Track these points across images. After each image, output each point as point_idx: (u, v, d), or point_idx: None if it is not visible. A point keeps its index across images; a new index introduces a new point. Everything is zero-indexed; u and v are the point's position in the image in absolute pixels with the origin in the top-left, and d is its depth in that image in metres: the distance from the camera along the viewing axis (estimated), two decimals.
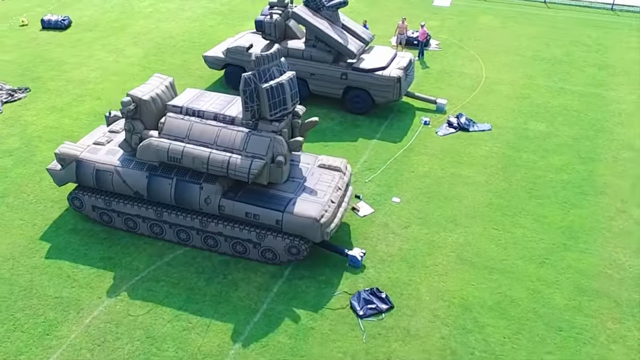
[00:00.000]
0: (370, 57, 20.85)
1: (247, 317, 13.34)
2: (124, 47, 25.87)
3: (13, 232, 15.54)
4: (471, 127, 20.47)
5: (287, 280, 14.34)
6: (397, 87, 20.19)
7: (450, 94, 22.66)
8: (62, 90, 22.23)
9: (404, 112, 21.50)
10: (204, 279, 14.29)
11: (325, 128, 20.37)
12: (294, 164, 15.50)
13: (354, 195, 17.13)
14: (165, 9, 30.10)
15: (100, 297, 13.75)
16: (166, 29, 27.75)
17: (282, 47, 20.74)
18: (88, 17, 28.93)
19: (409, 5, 31.16)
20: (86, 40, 26.40)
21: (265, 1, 28.31)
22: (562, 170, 18.44)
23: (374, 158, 18.87)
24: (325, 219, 13.93)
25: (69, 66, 24.10)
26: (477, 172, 18.28)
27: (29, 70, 23.75)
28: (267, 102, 13.62)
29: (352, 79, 20.51)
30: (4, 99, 21.28)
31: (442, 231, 15.96)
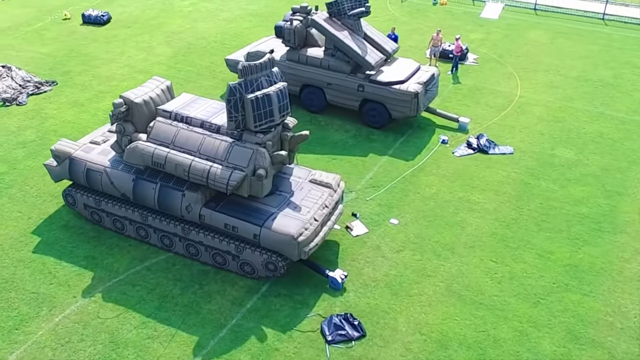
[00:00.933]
0: (390, 70, 20.40)
1: (214, 331, 13.28)
2: (156, 45, 26.52)
3: (8, 224, 16.17)
4: (491, 149, 19.64)
5: (262, 297, 14.19)
6: (415, 103, 19.65)
7: (477, 112, 21.86)
8: (86, 86, 23.01)
9: (423, 128, 20.91)
10: (180, 288, 14.36)
11: (337, 140, 20.10)
12: (285, 176, 15.36)
13: (351, 214, 16.81)
14: (205, 9, 30.66)
15: (75, 296, 14.07)
16: (201, 29, 28.24)
17: (301, 54, 20.77)
18: (128, 14, 29.88)
19: (452, 17, 30.34)
20: (121, 37, 27.25)
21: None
22: (581, 203, 17.38)
23: (380, 175, 18.43)
24: (304, 238, 13.68)
25: (99, 62, 24.93)
26: (487, 199, 17.51)
27: (60, 63, 24.75)
28: (251, 112, 13.53)
29: (369, 92, 20.14)
30: (30, 91, 22.25)
31: (436, 259, 15.36)
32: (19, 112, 21.19)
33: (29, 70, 23.96)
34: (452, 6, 31.67)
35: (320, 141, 20.03)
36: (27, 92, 22.13)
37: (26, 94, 22.02)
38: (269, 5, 31.26)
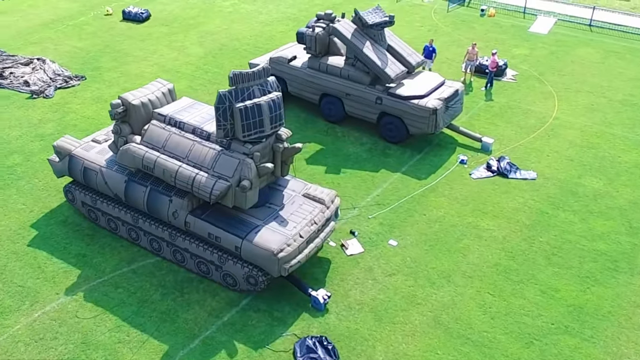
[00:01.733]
0: (411, 83, 19.89)
1: (185, 342, 13.28)
2: (189, 45, 26.96)
3: (11, 215, 16.76)
4: (512, 173, 18.80)
5: (241, 310, 14.09)
6: (433, 120, 19.07)
7: (505, 132, 21.00)
8: (113, 83, 23.63)
9: (444, 146, 20.27)
10: (161, 293, 14.45)
11: (351, 153, 19.77)
12: (278, 188, 15.21)
13: (350, 231, 16.47)
14: (244, 10, 30.94)
15: (58, 293, 14.40)
16: (236, 30, 28.50)
17: (322, 62, 20.57)
18: (168, 12, 30.53)
19: (499, 29, 29.34)
20: (156, 35, 27.87)
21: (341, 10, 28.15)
22: (600, 239, 16.36)
23: (388, 193, 17.99)
24: (285, 254, 13.48)
25: (130, 59, 25.58)
26: (497, 226, 16.76)
27: (93, 59, 25.54)
28: (240, 122, 13.45)
29: (387, 105, 19.70)
30: (58, 85, 23.06)
31: (429, 286, 14.81)
32: (44, 104, 22.00)
33: (62, 63, 24.87)
34: (501, 18, 30.63)
35: (333, 152, 19.76)
36: (55, 86, 22.96)
37: (54, 87, 22.84)
38: (308, 10, 31.19)
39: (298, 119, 21.51)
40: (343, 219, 16.91)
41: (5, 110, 21.66)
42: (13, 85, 22.96)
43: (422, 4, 32.22)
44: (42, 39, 27.30)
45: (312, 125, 21.19)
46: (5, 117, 21.26)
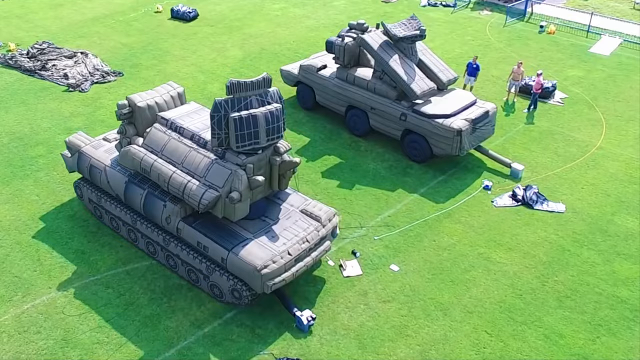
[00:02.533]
0: (439, 101, 19.28)
1: (162, 350, 13.35)
2: (230, 47, 27.28)
3: (23, 205, 17.42)
4: (538, 204, 17.85)
5: (224, 323, 14.03)
6: (457, 141, 18.39)
7: (540, 159, 19.99)
8: (149, 81, 24.21)
9: (470, 169, 19.51)
10: (149, 298, 14.61)
11: (370, 169, 19.36)
12: (277, 202, 15.09)
13: (351, 251, 16.10)
14: (292, 14, 31.02)
15: (50, 287, 14.83)
16: (281, 35, 28.61)
17: (350, 73, 20.28)
18: (216, 13, 31.04)
19: (556, 48, 28.02)
20: (200, 35, 28.37)
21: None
22: (623, 284, 15.24)
23: (401, 214, 17.47)
24: (269, 271, 13.32)
25: (170, 57, 26.16)
26: (510, 260, 15.94)
27: (134, 55, 26.29)
28: (234, 132, 13.39)
29: (411, 122, 19.18)
30: (95, 79, 23.86)
31: (424, 318, 14.25)
32: (77, 98, 22.81)
33: (103, 58, 25.74)
34: (561, 36, 29.25)
35: (352, 167, 19.42)
36: (92, 80, 23.77)
37: (90, 82, 23.65)
38: (358, 18, 30.86)
39: (324, 130, 21.30)
40: (347, 238, 16.57)
41: (41, 101, 22.62)
42: (53, 78, 23.96)
43: (478, 17, 31.27)
44: (91, 33, 28.38)
45: (336, 137, 20.92)
46: (40, 108, 22.20)
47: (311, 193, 18.20)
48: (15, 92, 23.24)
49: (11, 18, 29.88)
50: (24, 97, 22.91)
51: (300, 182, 18.61)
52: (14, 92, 23.25)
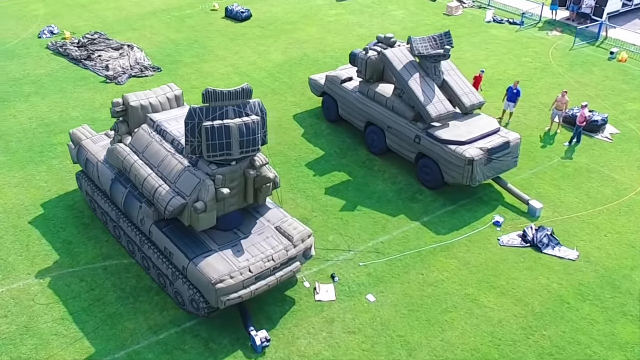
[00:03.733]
0: (457, 126, 18.48)
1: (113, 350, 13.64)
2: (273, 50, 27.49)
3: (30, 191, 18.39)
4: (549, 247, 16.70)
5: (181, 332, 14.14)
6: (469, 171, 17.54)
7: (566, 199, 18.70)
8: (185, 79, 24.86)
9: (484, 202, 18.56)
10: (117, 296, 14.98)
11: (377, 190, 18.86)
12: (254, 215, 15.04)
13: (331, 275, 15.75)
14: (346, 22, 30.82)
15: (30, 274, 15.54)
16: (328, 42, 28.49)
17: (371, 88, 19.88)
18: (270, 14, 31.38)
19: (622, 78, 26.08)
20: (248, 36, 28.79)
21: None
22: (620, 349, 13.95)
23: (395, 242, 16.90)
24: (224, 286, 13.27)
25: (211, 57, 26.74)
26: (500, 306, 15.00)
27: (178, 52, 27.09)
28: (205, 141, 13.45)
29: (425, 146, 18.50)
30: (133, 73, 24.79)
31: (386, 356, 13.70)
32: (112, 91, 23.80)
33: (148, 53, 26.72)
34: (633, 65, 27.19)
35: (359, 187, 19.01)
36: (130, 74, 24.72)
37: (128, 76, 24.60)
38: (414, 30, 30.19)
39: (342, 145, 20.99)
40: (332, 261, 16.24)
41: (77, 90, 23.81)
42: (95, 68, 25.14)
43: (544, 38, 29.70)
44: (144, 26, 29.54)
45: (352, 154, 20.55)
46: (75, 97, 23.36)
47: (309, 209, 18.00)
48: (57, 79, 24.61)
49: (75, 7, 31.70)
50: (63, 85, 24.21)
51: (302, 197, 18.48)
52: (56, 79, 24.62)
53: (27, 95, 23.42)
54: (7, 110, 22.50)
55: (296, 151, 20.60)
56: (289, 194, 18.56)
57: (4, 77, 24.73)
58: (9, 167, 19.42)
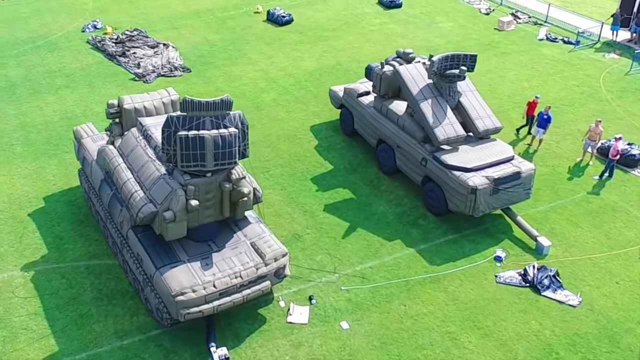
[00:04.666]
0: (465, 151, 17.73)
1: (75, 351, 13.91)
2: (307, 57, 27.36)
3: (38, 184, 19.04)
4: (548, 290, 15.73)
5: (145, 340, 14.24)
6: (471, 199, 16.78)
7: (581, 238, 17.57)
8: (212, 81, 25.14)
9: (490, 233, 17.70)
10: (92, 297, 15.27)
11: (378, 212, 18.35)
12: (233, 229, 14.99)
13: (308, 297, 15.43)
14: (389, 31, 30.26)
15: (16, 265, 16.09)
16: (366, 51, 28.05)
17: (384, 104, 19.43)
18: (312, 20, 31.24)
19: None
20: (284, 41, 28.79)
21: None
22: None
23: (384, 268, 16.38)
24: (185, 299, 13.25)
25: (243, 60, 26.91)
26: (480, 348, 14.25)
27: (212, 53, 27.43)
28: (180, 151, 13.46)
29: (430, 169, 17.86)
30: (162, 72, 25.27)
31: None
32: (138, 88, 24.32)
33: (182, 53, 27.20)
34: None
35: (361, 206, 18.56)
36: (158, 73, 25.22)
37: (156, 75, 25.12)
38: (459, 43, 29.25)
39: (353, 160, 20.58)
40: (314, 281, 15.92)
41: (105, 86, 24.53)
42: (128, 65, 25.81)
43: (599, 60, 28.09)
44: (185, 25, 30.12)
45: (361, 170, 20.10)
46: (101, 92, 24.09)
47: (303, 225, 17.74)
48: (89, 74, 25.46)
49: (123, 3, 32.74)
50: (93, 79, 25.02)
51: (299, 211, 18.25)
52: (88, 73, 25.48)
53: (57, 88, 24.35)
54: (36, 101, 23.47)
55: (305, 163, 20.38)
56: (286, 207, 18.39)
57: (41, 68, 25.84)
58: (24, 157, 20.23)
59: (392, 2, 32.74)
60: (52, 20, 30.59)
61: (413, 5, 33.52)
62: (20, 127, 21.82)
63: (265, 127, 22.20)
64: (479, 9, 33.28)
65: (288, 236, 17.34)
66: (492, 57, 27.88)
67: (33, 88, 24.33)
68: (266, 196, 18.73)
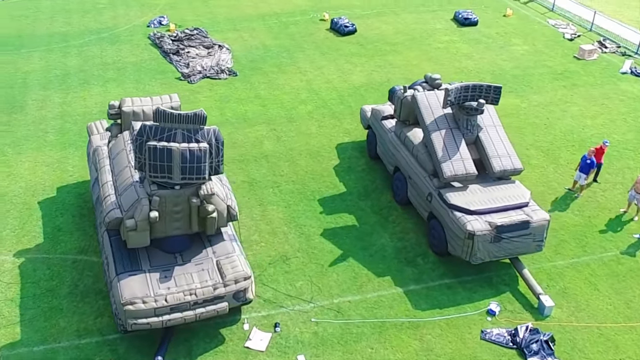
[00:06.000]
0: (475, 191, 16.80)
1: (35, 343, 14.58)
2: (358, 71, 27.03)
3: (57, 173, 20.14)
4: (536, 356, 14.54)
5: (102, 342, 14.68)
6: (468, 245, 15.86)
7: (595, 303, 16.11)
8: (253, 87, 25.47)
9: (491, 283, 16.65)
10: (68, 292, 15.95)
11: (377, 244, 17.78)
12: (204, 244, 15.12)
13: (274, 323, 15.25)
14: (455, 51, 29.22)
15: (10, 251, 17.14)
16: (422, 69, 27.23)
17: (404, 131, 18.88)
18: (377, 32, 30.79)
19: None
20: (341, 52, 28.60)
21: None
22: None
23: (364, 305, 15.87)
24: (134, 309, 13.54)
25: (292, 68, 27.04)
26: None
27: (264, 59, 27.78)
28: (148, 160, 13.75)
29: (434, 206, 17.09)
30: (208, 74, 25.91)
31: None
32: (181, 88, 25.15)
33: (235, 55, 27.76)
34: None
35: (361, 235, 18.07)
36: (204, 74, 25.88)
37: (201, 76, 25.79)
38: (528, 70, 27.68)
39: (369, 185, 20.08)
40: (286, 308, 15.71)
41: (150, 83, 25.56)
42: (178, 64, 26.71)
43: None
44: (246, 28, 30.73)
45: (374, 197, 19.56)
46: (145, 88, 25.13)
47: (295, 248, 17.55)
48: (140, 69, 26.62)
49: (194, 1, 33.88)
50: (142, 75, 26.13)
51: (295, 233, 18.08)
52: (139, 69, 26.65)
53: (105, 80, 25.68)
54: (82, 92, 24.88)
55: (319, 182, 20.15)
56: (284, 227, 18.29)
57: (97, 60, 27.36)
58: (52, 146, 21.51)
59: (466, 19, 31.64)
60: (123, 13, 32.31)
61: (490, 24, 32.22)
62: (60, 116, 23.22)
63: (291, 140, 22.19)
64: (564, 33, 31.38)
65: (276, 257, 17.26)
66: (559, 88, 26.22)
67: (84, 79, 25.81)
68: (268, 212, 18.80)
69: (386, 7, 33.89)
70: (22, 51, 28.08)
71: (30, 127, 22.56)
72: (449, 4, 34.49)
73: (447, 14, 33.05)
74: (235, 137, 22.15)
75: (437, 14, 33.12)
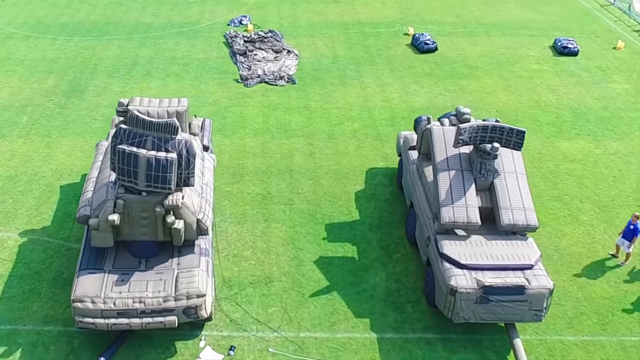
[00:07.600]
0: (475, 243, 15.77)
1: (3, 321, 15.65)
2: (423, 93, 26.18)
3: (88, 160, 21.13)
4: None
5: (63, 333, 15.47)
6: (451, 302, 14.89)
7: None
8: (307, 97, 25.52)
9: (478, 347, 15.50)
10: (52, 277, 16.96)
11: (370, 282, 17.16)
12: (172, 253, 15.45)
13: (230, 345, 15.25)
14: (540, 81, 27.34)
15: (18, 229, 18.55)
16: (494, 98, 25.84)
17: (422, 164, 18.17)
18: (460, 53, 29.66)
19: None
20: (413, 70, 27.81)
21: None
22: None
23: (327, 345, 15.40)
24: (82, 307, 14.18)
25: (354, 82, 26.75)
26: None
27: (329, 69, 27.73)
28: (117, 163, 14.26)
29: (430, 251, 16.22)
30: (266, 79, 26.28)
31: None
32: (235, 90, 25.79)
33: (301, 62, 27.94)
34: None
35: (355, 270, 17.51)
36: (262, 79, 26.28)
37: (258, 80, 26.23)
38: (616, 112, 25.23)
39: (386, 217, 19.41)
40: (249, 332, 15.64)
41: (207, 82, 26.44)
42: (242, 65, 27.35)
43: None
44: (324, 35, 30.81)
45: (386, 231, 18.88)
46: (201, 87, 26.05)
47: (283, 271, 17.39)
48: (204, 67, 27.61)
49: (284, 3, 34.45)
50: (203, 73, 27.08)
51: (288, 256, 17.94)
52: (203, 66, 27.65)
53: (167, 75, 26.91)
54: (142, 83, 26.25)
55: (334, 206, 19.80)
56: (279, 247, 18.20)
57: (167, 54, 28.72)
58: (94, 133, 22.91)
59: (565, 47, 29.52)
60: (211, 9, 33.62)
61: (594, 55, 29.86)
62: (113, 105, 24.55)
63: (323, 157, 21.99)
64: None
65: (260, 277, 17.22)
66: None
67: (148, 71, 27.21)
68: (270, 230, 18.82)
69: (481, 26, 32.52)
70: (104, 38, 30.17)
71: (82, 112, 24.20)
72: (554, 29, 32.39)
73: (548, 41, 31.05)
74: (268, 147, 22.35)
75: (535, 39, 31.24)
